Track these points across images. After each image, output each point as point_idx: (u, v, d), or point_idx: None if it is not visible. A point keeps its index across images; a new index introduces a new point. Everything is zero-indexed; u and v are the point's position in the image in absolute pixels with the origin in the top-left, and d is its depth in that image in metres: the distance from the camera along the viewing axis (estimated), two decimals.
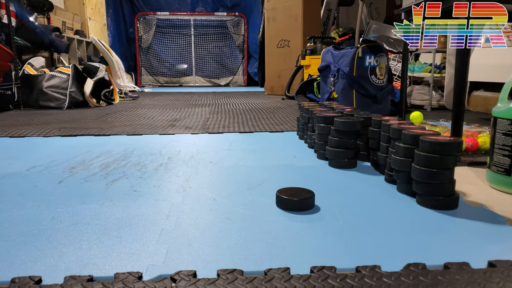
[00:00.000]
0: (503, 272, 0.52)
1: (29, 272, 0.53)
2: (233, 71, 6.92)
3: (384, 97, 2.05)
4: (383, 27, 3.36)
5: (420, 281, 0.50)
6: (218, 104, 3.08)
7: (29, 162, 1.16)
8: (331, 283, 0.50)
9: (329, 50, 2.18)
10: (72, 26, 4.56)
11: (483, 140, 1.25)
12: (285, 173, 1.06)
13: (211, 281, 0.50)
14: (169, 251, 0.60)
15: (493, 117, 0.93)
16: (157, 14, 6.64)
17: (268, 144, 1.47)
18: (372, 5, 4.97)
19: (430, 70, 2.62)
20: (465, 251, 0.60)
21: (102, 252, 0.60)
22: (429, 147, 0.78)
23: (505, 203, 0.83)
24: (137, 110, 2.69)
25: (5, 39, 2.76)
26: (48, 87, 2.79)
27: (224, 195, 0.87)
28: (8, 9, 2.76)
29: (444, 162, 0.77)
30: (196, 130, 1.77)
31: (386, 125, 1.00)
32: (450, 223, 0.71)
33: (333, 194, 0.88)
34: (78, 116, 2.34)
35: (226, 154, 1.28)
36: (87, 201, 0.82)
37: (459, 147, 0.78)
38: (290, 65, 3.83)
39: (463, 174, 1.06)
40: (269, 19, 4.10)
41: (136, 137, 1.60)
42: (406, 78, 1.81)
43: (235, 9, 6.75)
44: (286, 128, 1.80)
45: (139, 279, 0.51)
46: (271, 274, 0.52)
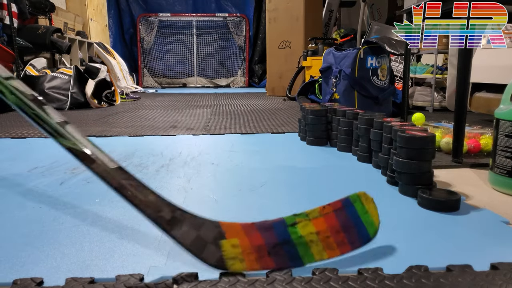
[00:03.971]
0: (506, 274, 0.52)
1: (30, 274, 0.53)
2: (234, 72, 6.92)
3: (386, 98, 2.05)
4: (385, 28, 3.36)
5: (423, 284, 0.50)
6: (219, 105, 3.09)
7: (30, 163, 1.17)
8: (333, 285, 0.49)
9: (330, 51, 2.17)
10: (74, 27, 4.57)
11: (485, 142, 1.25)
12: (287, 175, 1.06)
13: (213, 283, 0.50)
14: (170, 253, 0.60)
15: (495, 118, 0.92)
16: (159, 16, 6.65)
17: (270, 145, 1.47)
18: (374, 6, 4.97)
19: (432, 71, 2.62)
20: (468, 253, 0.60)
21: (103, 253, 0.59)
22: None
23: (507, 205, 0.83)
24: (138, 111, 2.69)
25: (7, 40, 2.77)
26: (50, 88, 2.80)
27: (226, 196, 0.87)
28: (10, 10, 2.77)
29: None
30: (198, 131, 1.77)
31: (388, 126, 1.00)
32: (452, 225, 0.71)
33: (334, 195, 0.88)
34: (80, 117, 2.35)
35: (227, 155, 1.28)
36: (89, 203, 0.82)
37: None
38: (292, 66, 3.83)
39: (465, 175, 1.06)
40: (271, 20, 4.10)
41: (137, 138, 1.60)
42: (408, 79, 1.81)
43: (237, 9, 6.76)
44: (288, 129, 1.79)
45: (141, 281, 0.51)
46: (272, 277, 0.51)
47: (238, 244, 0.54)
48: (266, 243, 0.55)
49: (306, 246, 0.55)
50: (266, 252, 0.54)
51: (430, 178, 0.88)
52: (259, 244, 0.54)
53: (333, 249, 0.56)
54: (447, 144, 1.25)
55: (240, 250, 0.54)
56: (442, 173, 1.07)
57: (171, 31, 6.76)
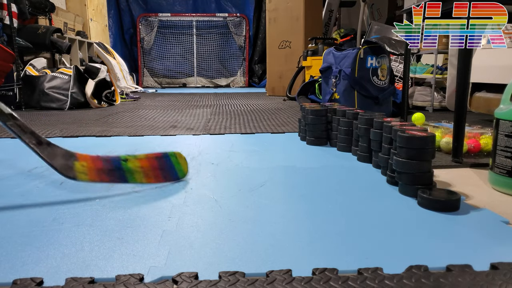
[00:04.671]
0: (506, 274, 0.52)
1: (30, 274, 0.53)
2: (234, 72, 6.92)
3: (386, 98, 2.05)
4: (385, 28, 3.36)
5: (422, 284, 0.50)
6: (219, 105, 3.09)
7: (30, 163, 1.17)
8: (333, 285, 0.49)
9: (330, 51, 2.17)
10: (74, 27, 4.57)
11: (485, 142, 1.25)
12: (287, 175, 1.06)
13: (213, 283, 0.50)
14: (170, 253, 0.60)
15: (495, 118, 0.92)
16: (159, 16, 6.65)
17: (270, 145, 1.47)
18: (374, 6, 4.97)
19: (432, 71, 2.62)
20: (468, 253, 0.60)
21: (103, 253, 0.59)
22: None
23: (507, 205, 0.83)
24: (138, 111, 2.69)
25: (7, 40, 2.76)
26: (50, 88, 2.80)
27: (226, 196, 0.87)
28: (10, 10, 2.76)
29: None
30: (198, 131, 1.77)
31: (388, 126, 1.00)
32: (452, 225, 0.71)
33: (335, 195, 0.88)
34: (80, 117, 2.35)
35: (227, 155, 1.28)
36: (89, 203, 0.82)
37: None
38: (292, 66, 3.83)
39: (465, 175, 1.06)
40: (271, 20, 4.10)
41: (137, 138, 1.60)
42: (408, 79, 1.81)
43: (237, 9, 6.76)
44: (288, 129, 1.79)
45: (141, 281, 0.51)
46: (272, 276, 0.52)
47: (86, 165, 0.83)
48: (104, 167, 0.86)
49: (131, 173, 0.87)
50: (103, 172, 0.85)
51: (430, 178, 0.88)
52: (100, 167, 0.85)
53: (150, 177, 0.90)
54: (447, 144, 1.25)
55: (86, 169, 0.83)
56: (442, 173, 1.07)
57: (171, 31, 6.76)
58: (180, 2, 6.76)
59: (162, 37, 6.77)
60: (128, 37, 6.75)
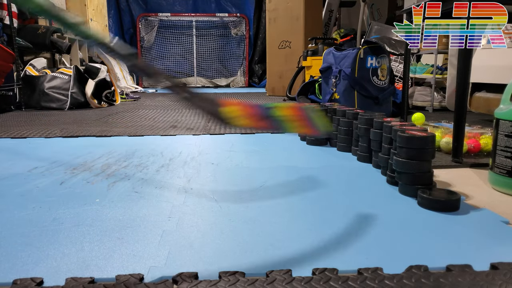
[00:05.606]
0: (506, 274, 0.52)
1: (30, 274, 0.53)
2: (234, 72, 6.92)
3: (386, 98, 2.05)
4: (385, 28, 3.36)
5: (422, 284, 0.50)
6: None
7: (30, 163, 1.17)
8: (333, 285, 0.49)
9: (330, 51, 2.17)
10: None
11: (485, 142, 1.25)
12: (287, 175, 1.06)
13: (213, 283, 0.50)
14: (170, 253, 0.60)
15: (495, 118, 0.92)
16: (159, 16, 6.65)
17: (270, 145, 1.47)
18: (374, 6, 4.97)
19: (432, 71, 2.62)
20: (468, 253, 0.60)
21: (103, 253, 0.59)
22: None
23: (507, 205, 0.83)
24: (138, 111, 2.69)
25: (7, 40, 2.76)
26: (50, 88, 2.79)
27: (226, 196, 0.87)
28: (10, 10, 2.76)
29: None
30: (198, 131, 1.77)
31: (388, 126, 1.00)
32: (452, 225, 0.71)
33: (335, 195, 0.88)
34: (80, 117, 2.35)
35: (227, 155, 1.28)
36: (89, 203, 0.82)
37: None
38: (292, 66, 3.83)
39: (465, 175, 1.06)
40: (271, 20, 4.10)
41: (137, 138, 1.60)
42: (408, 79, 1.81)
43: (237, 9, 6.76)
44: None
45: (141, 281, 0.51)
46: (272, 276, 0.52)
47: (235, 109, 0.69)
48: (259, 113, 0.70)
49: (283, 122, 0.72)
50: (260, 117, 0.70)
51: (430, 178, 0.88)
52: (254, 112, 0.70)
53: (299, 127, 0.77)
54: (447, 144, 1.25)
55: (238, 114, 0.68)
56: (442, 173, 1.07)
57: (171, 31, 6.76)
58: (180, 2, 6.76)
59: (162, 37, 6.76)
60: (128, 37, 6.74)
